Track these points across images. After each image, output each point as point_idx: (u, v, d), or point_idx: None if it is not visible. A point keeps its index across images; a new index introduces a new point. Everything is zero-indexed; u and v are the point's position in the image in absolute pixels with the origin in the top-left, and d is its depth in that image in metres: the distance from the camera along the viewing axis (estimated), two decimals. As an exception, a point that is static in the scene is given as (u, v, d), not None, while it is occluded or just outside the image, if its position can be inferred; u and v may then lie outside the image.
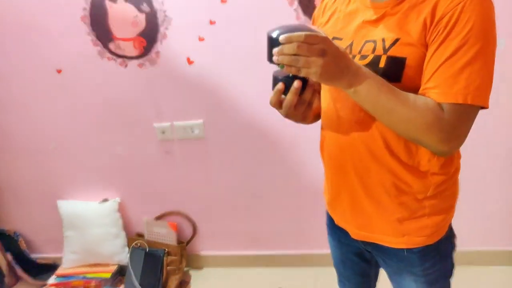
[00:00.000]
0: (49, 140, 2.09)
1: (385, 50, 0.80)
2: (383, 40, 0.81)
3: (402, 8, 0.80)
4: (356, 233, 1.01)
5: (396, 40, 0.79)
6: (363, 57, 0.84)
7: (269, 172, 1.96)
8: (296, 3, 1.62)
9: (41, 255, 2.36)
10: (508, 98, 1.66)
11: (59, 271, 2.20)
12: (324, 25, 0.97)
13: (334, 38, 0.91)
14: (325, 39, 0.72)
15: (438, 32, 0.75)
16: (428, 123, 0.75)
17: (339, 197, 1.01)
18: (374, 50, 0.82)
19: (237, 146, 1.93)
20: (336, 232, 1.10)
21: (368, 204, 0.94)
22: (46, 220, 2.27)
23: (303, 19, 1.64)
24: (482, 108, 0.78)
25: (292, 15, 1.63)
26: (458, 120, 0.76)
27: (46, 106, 2.00)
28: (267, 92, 1.16)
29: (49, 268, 2.30)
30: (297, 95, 0.81)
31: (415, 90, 0.80)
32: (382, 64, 0.80)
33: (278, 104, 0.85)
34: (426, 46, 0.77)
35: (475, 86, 0.74)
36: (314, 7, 1.61)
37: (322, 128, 1.02)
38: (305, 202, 1.97)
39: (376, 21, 0.83)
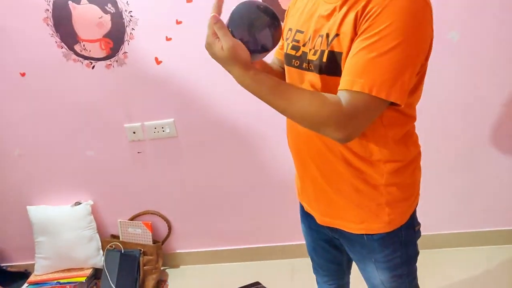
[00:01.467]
0: (13, 146, 2.04)
1: (328, 45, 0.84)
2: (327, 35, 0.84)
3: (349, 3, 0.81)
4: (320, 219, 1.06)
5: (336, 35, 0.82)
6: (315, 51, 0.87)
7: (241, 169, 1.99)
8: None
9: (12, 264, 2.31)
10: (464, 86, 1.75)
11: (32, 278, 2.16)
12: (293, 13, 1.00)
13: (297, 31, 0.94)
14: (220, 26, 0.79)
15: (361, 24, 0.77)
16: (322, 117, 0.78)
17: (305, 185, 1.07)
18: (321, 44, 0.86)
19: (209, 144, 1.95)
20: (307, 218, 1.15)
21: (329, 191, 0.99)
22: (16, 227, 2.22)
23: (268, 17, 1.67)
24: (394, 104, 0.78)
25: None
26: (357, 109, 0.76)
27: (8, 110, 1.96)
28: (236, 90, 1.19)
29: (21, 276, 2.25)
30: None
31: None
32: (324, 58, 0.84)
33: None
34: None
35: (383, 79, 0.74)
36: (278, 5, 1.65)
37: (286, 122, 1.06)
38: (276, 196, 2.02)
39: (327, 16, 0.86)
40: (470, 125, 1.79)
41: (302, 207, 1.17)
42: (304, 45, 0.92)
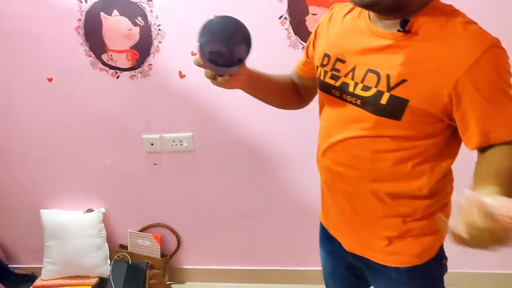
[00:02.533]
0: (34, 149, 2.07)
1: (389, 89, 0.82)
2: (388, 76, 0.82)
3: (408, 44, 0.80)
4: (348, 245, 1.04)
5: (402, 81, 0.80)
6: (366, 88, 0.86)
7: (257, 188, 1.97)
8: (287, 23, 1.67)
9: (19, 266, 2.31)
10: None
11: (37, 282, 2.16)
12: (329, 37, 0.98)
13: (337, 59, 0.93)
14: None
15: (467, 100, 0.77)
16: None
17: (332, 209, 1.05)
18: (377, 84, 0.83)
19: (225, 160, 1.94)
20: (328, 243, 1.12)
21: (358, 221, 0.98)
22: (27, 229, 2.23)
23: (293, 39, 1.69)
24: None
25: (283, 34, 1.69)
26: None
27: (34, 114, 1.99)
28: (257, 107, 1.20)
29: (27, 279, 2.25)
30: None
31: (412, 129, 0.84)
32: (383, 101, 0.83)
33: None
34: (435, 100, 0.79)
35: None
36: (304, 28, 1.66)
37: (319, 141, 1.04)
38: (292, 218, 1.98)
39: (380, 50, 0.84)
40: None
41: (324, 230, 1.14)
42: (345, 76, 0.90)
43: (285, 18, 1.66)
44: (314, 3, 1.63)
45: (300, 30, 1.67)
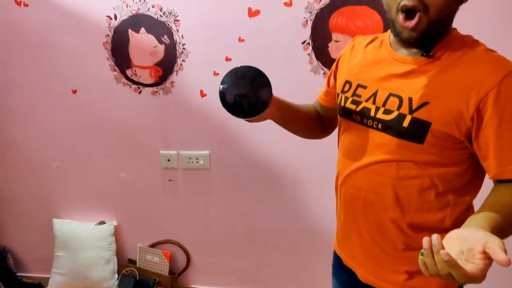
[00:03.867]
0: (54, 157, 2.11)
1: (411, 111, 0.83)
2: (410, 99, 0.83)
3: (431, 68, 0.83)
4: (364, 276, 1.01)
5: (425, 104, 0.82)
6: (388, 111, 0.87)
7: (271, 210, 1.96)
8: (310, 48, 1.70)
9: (28, 274, 2.31)
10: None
11: (44, 292, 2.15)
12: (350, 66, 1.00)
13: (358, 85, 0.95)
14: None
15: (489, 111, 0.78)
16: None
17: (349, 238, 1.03)
18: (399, 107, 0.85)
19: (240, 180, 1.94)
20: (341, 273, 1.10)
21: (376, 252, 0.96)
22: (38, 238, 2.24)
23: (315, 64, 1.71)
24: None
25: (305, 59, 1.71)
26: None
27: (56, 123, 2.04)
28: (274, 130, 1.21)
29: (34, 288, 2.25)
30: None
31: (435, 154, 0.84)
32: (406, 123, 0.84)
33: None
34: (458, 123, 0.80)
35: None
36: (327, 54, 1.69)
37: (339, 167, 1.03)
38: (303, 243, 1.96)
39: (402, 75, 0.86)
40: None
41: (337, 261, 1.12)
42: (366, 101, 0.92)
43: (308, 43, 1.69)
44: (338, 30, 1.65)
45: (322, 56, 1.69)
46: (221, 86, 0.93)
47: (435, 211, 0.89)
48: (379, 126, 0.89)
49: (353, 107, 0.95)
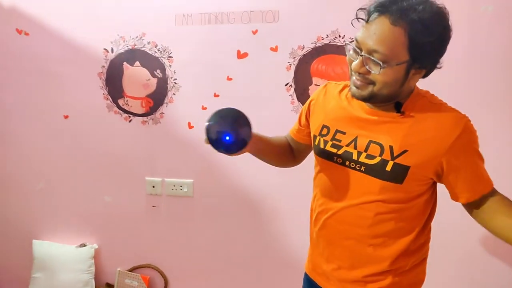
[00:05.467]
0: (39, 179, 2.15)
1: (393, 157, 0.99)
2: (391, 147, 0.99)
3: (404, 121, 0.99)
4: None
5: (404, 151, 0.98)
6: (370, 156, 1.02)
7: (249, 238, 2.04)
8: (292, 90, 1.85)
9: (2, 295, 2.29)
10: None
11: (18, 314, 2.14)
12: (326, 110, 1.14)
13: (337, 131, 1.08)
14: None
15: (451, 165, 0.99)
16: None
17: (327, 264, 1.17)
18: (381, 153, 1.00)
19: (222, 209, 2.03)
20: None
21: (356, 277, 1.11)
22: (17, 259, 2.25)
23: (296, 104, 1.86)
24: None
25: (287, 99, 1.86)
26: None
27: (45, 145, 2.10)
28: (255, 163, 1.34)
29: (7, 310, 2.23)
30: None
31: (408, 191, 1.01)
32: (388, 168, 0.99)
33: None
34: (431, 165, 0.99)
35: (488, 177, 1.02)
36: (307, 96, 1.84)
37: (320, 203, 1.17)
38: (281, 271, 2.04)
39: (378, 124, 1.02)
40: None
41: (310, 282, 1.24)
42: (347, 145, 1.06)
43: (291, 85, 1.85)
44: (318, 75, 1.82)
45: (303, 97, 1.85)
46: (206, 123, 1.05)
47: (409, 235, 1.06)
48: (362, 168, 1.03)
49: (334, 150, 1.08)
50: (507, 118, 1.68)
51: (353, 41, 0.96)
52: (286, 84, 1.84)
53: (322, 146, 1.11)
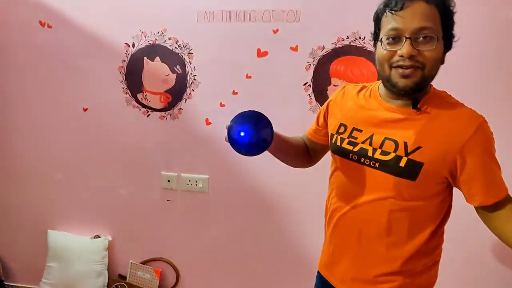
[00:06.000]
0: (56, 170, 2.19)
1: (407, 153, 1.00)
2: (405, 144, 1.00)
3: (419, 118, 1.01)
4: None
5: (418, 148, 0.99)
6: (385, 153, 1.03)
7: (263, 236, 2.07)
8: (310, 90, 1.87)
9: (16, 284, 2.33)
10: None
11: (31, 302, 2.18)
12: (344, 110, 1.17)
13: (354, 128, 1.11)
14: None
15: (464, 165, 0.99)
16: None
17: (341, 263, 1.18)
18: (395, 149, 1.01)
19: (235, 205, 2.06)
20: None
21: (368, 276, 1.11)
22: (31, 248, 2.29)
23: (314, 104, 1.87)
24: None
25: (305, 99, 1.87)
26: None
27: (64, 137, 2.13)
28: (271, 161, 1.36)
29: (20, 298, 2.27)
30: None
31: (426, 187, 1.01)
32: (402, 164, 1.00)
33: None
34: (444, 163, 0.99)
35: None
36: (325, 96, 1.85)
37: (335, 201, 1.18)
38: (293, 270, 2.06)
39: (395, 122, 1.03)
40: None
41: (322, 281, 1.26)
42: (363, 143, 1.08)
43: (309, 85, 1.86)
44: (337, 76, 1.83)
45: (321, 97, 1.86)
46: (229, 124, 1.07)
47: (422, 236, 1.06)
48: (377, 165, 1.05)
49: (350, 147, 1.10)
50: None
51: (382, 37, 0.99)
52: (305, 84, 1.86)
53: (338, 143, 1.14)
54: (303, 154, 1.36)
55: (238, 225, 2.08)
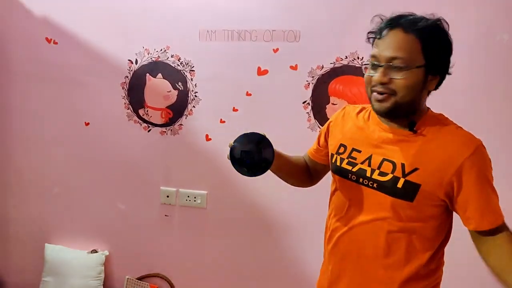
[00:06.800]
0: (55, 184, 2.20)
1: (404, 175, 1.01)
2: (403, 165, 1.02)
3: (416, 140, 1.03)
4: None
5: (415, 169, 1.00)
6: (383, 173, 1.05)
7: (259, 254, 2.05)
8: (309, 108, 1.89)
9: (10, 298, 2.31)
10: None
11: (26, 317, 2.15)
12: (344, 131, 1.19)
13: (353, 149, 1.12)
14: None
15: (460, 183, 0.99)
16: None
17: (339, 282, 1.17)
18: (393, 170, 1.03)
19: (234, 222, 2.05)
20: None
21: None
22: (28, 262, 2.27)
23: (312, 122, 1.90)
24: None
25: (304, 117, 1.90)
26: None
27: (64, 151, 2.15)
28: (270, 179, 1.37)
29: (14, 313, 2.24)
30: None
31: (423, 208, 1.02)
32: (400, 185, 1.02)
33: None
34: (441, 185, 0.99)
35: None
36: (324, 115, 1.88)
37: (334, 221, 1.19)
38: (289, 286, 2.05)
39: (393, 143, 1.05)
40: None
41: None
42: (362, 163, 1.09)
43: (308, 103, 1.89)
44: (335, 94, 1.86)
45: (320, 115, 1.89)
46: (231, 144, 1.11)
47: (421, 258, 1.06)
48: (375, 185, 1.06)
49: (349, 167, 1.12)
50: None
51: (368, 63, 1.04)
52: (304, 102, 1.89)
53: (338, 163, 1.15)
54: (303, 173, 1.37)
55: (236, 242, 2.07)
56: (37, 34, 2.04)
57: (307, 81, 1.87)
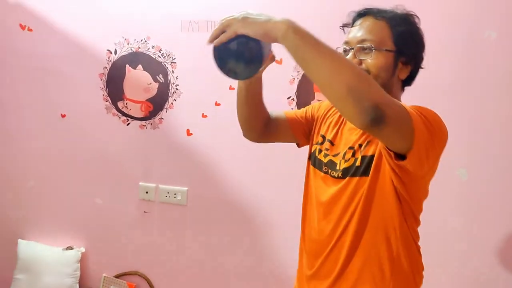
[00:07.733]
0: (29, 177, 2.11)
1: (360, 152, 1.02)
2: (360, 145, 1.03)
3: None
4: None
5: (368, 142, 1.01)
6: (347, 160, 1.04)
7: (240, 252, 2.01)
8: (294, 104, 1.85)
9: (-20, 296, 2.22)
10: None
11: (-4, 316, 2.07)
12: (327, 122, 1.16)
13: (329, 140, 1.12)
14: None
15: None
16: (370, 89, 0.81)
17: (317, 275, 1.12)
18: (354, 154, 1.03)
19: (215, 219, 2.00)
20: None
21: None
22: (0, 258, 2.19)
23: (297, 118, 1.85)
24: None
25: (288, 113, 1.85)
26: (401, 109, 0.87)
27: (39, 144, 2.07)
28: (250, 174, 1.31)
29: (-16, 312, 2.16)
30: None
31: (380, 183, 0.98)
32: (358, 163, 1.01)
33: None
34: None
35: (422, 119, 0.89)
36: (309, 111, 1.84)
37: (309, 213, 1.16)
38: (274, 284, 2.00)
39: (363, 133, 1.03)
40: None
41: None
42: (334, 156, 1.08)
43: (293, 99, 1.84)
44: (321, 90, 1.82)
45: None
46: (220, 39, 0.88)
47: (387, 236, 1.02)
48: (340, 174, 1.05)
49: (323, 159, 1.11)
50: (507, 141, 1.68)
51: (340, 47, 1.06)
52: (289, 98, 1.84)
53: (316, 153, 1.15)
54: (260, 119, 1.24)
55: (217, 239, 2.02)
56: (10, 20, 1.95)
57: (292, 76, 1.82)
